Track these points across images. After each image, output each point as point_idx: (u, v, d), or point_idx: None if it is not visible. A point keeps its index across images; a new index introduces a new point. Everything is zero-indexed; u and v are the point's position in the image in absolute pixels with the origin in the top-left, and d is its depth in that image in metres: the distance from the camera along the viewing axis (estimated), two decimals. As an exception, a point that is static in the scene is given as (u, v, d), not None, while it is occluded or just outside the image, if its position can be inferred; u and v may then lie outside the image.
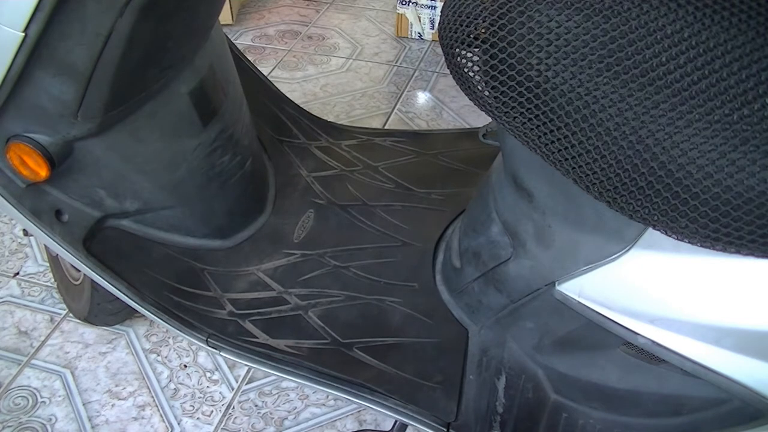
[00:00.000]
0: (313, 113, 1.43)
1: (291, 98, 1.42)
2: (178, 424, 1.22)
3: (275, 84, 1.41)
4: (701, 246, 0.63)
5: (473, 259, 0.97)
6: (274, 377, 1.28)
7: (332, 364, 0.98)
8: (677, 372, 0.76)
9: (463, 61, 0.68)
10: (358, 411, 1.24)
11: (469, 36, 0.66)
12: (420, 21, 2.28)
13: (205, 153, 1.08)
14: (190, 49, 1.00)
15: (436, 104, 2.02)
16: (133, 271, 1.04)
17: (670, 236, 0.64)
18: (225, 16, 2.32)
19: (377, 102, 2.02)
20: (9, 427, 1.21)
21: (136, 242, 1.07)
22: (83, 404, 1.25)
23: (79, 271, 1.17)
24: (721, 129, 0.58)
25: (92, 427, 1.21)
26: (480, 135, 0.96)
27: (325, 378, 0.97)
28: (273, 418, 1.23)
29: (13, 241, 1.56)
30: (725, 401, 0.75)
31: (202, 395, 1.27)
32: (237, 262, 1.14)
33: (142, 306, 1.02)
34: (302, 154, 1.34)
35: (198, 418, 1.23)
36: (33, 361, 1.32)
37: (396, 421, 1.01)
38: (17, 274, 1.49)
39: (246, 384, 1.29)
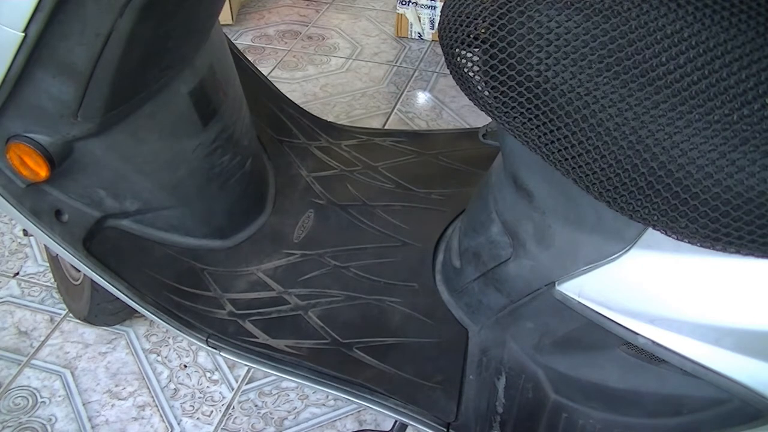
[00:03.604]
0: (313, 113, 1.43)
1: (291, 98, 1.42)
2: (178, 424, 1.22)
3: (275, 84, 1.41)
4: (701, 246, 0.63)
5: (473, 259, 0.97)
6: (274, 377, 1.28)
7: (332, 364, 0.98)
8: (677, 372, 0.76)
9: (463, 61, 0.68)
10: (358, 411, 1.24)
11: (469, 36, 0.66)
12: (420, 21, 2.28)
13: (205, 153, 1.08)
14: (190, 49, 1.00)
15: (436, 104, 2.02)
16: (133, 271, 1.04)
17: (670, 236, 0.64)
18: (225, 16, 2.32)
19: (377, 102, 2.02)
20: (9, 427, 1.21)
21: (136, 242, 1.07)
22: (83, 404, 1.25)
23: (79, 271, 1.17)
24: (721, 129, 0.58)
25: (92, 427, 1.21)
26: (480, 135, 0.96)
27: (325, 378, 0.97)
28: (273, 418, 1.23)
29: (13, 241, 1.56)
30: (725, 401, 0.75)
31: (202, 395, 1.27)
32: (237, 262, 1.14)
33: (142, 306, 1.02)
34: (302, 154, 1.34)
35: (198, 418, 1.23)
36: (33, 361, 1.32)
37: (396, 421, 1.01)
38: (17, 274, 1.49)
39: (246, 384, 1.29)
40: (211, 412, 1.24)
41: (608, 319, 0.76)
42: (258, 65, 1.51)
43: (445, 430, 0.92)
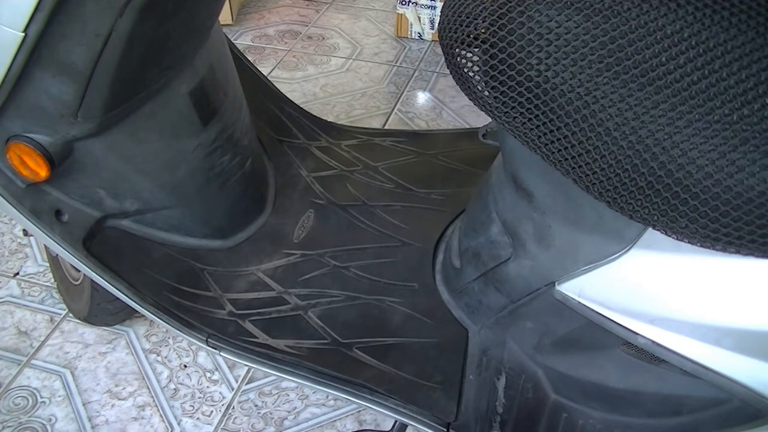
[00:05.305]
0: (313, 113, 1.43)
1: (291, 98, 1.42)
2: (178, 424, 1.22)
3: (275, 84, 1.41)
4: (701, 246, 0.63)
5: (473, 259, 0.97)
6: (274, 377, 1.28)
7: (332, 364, 0.98)
8: (677, 372, 0.76)
9: (463, 61, 0.68)
10: (358, 411, 1.24)
11: (469, 36, 0.66)
12: (420, 21, 2.28)
13: (205, 153, 1.08)
14: (190, 49, 1.00)
15: (436, 104, 2.02)
16: (133, 271, 1.04)
17: (670, 236, 0.64)
18: (225, 16, 2.32)
19: (377, 102, 2.02)
20: (9, 427, 1.21)
21: (136, 242, 1.07)
22: (83, 404, 1.25)
23: (79, 271, 1.17)
24: (721, 129, 0.58)
25: (92, 427, 1.21)
26: (480, 135, 0.96)
27: (325, 378, 0.97)
28: (273, 418, 1.23)
29: (13, 241, 1.56)
30: (725, 401, 0.75)
31: (202, 395, 1.27)
32: (237, 262, 1.14)
33: (142, 306, 1.02)
34: (302, 154, 1.34)
35: (198, 418, 1.23)
36: (33, 361, 1.32)
37: (396, 421, 1.01)
38: (17, 274, 1.49)
39: (246, 384, 1.29)
40: (211, 412, 1.24)
41: (608, 319, 0.76)
42: (258, 65, 1.51)
43: (445, 430, 0.92)
